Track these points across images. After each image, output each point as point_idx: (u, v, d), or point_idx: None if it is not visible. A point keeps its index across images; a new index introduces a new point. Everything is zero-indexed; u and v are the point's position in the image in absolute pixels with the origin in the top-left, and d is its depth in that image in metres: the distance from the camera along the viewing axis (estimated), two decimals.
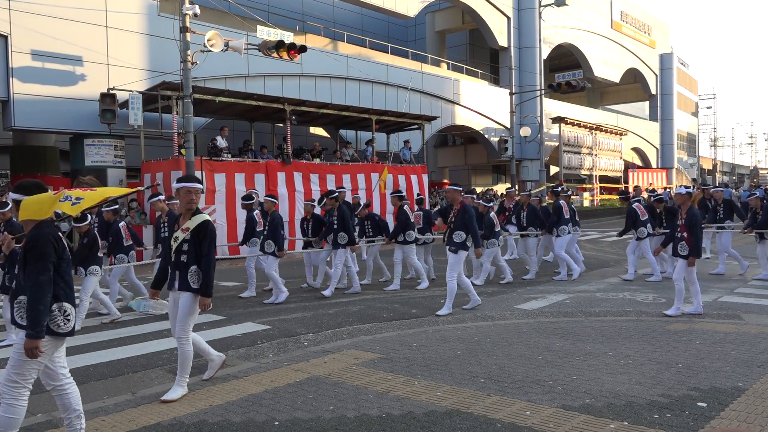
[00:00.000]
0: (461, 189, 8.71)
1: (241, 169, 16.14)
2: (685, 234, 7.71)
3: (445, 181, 35.63)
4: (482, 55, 36.37)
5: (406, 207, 10.72)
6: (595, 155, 35.41)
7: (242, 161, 16.60)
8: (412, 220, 10.62)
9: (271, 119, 19.43)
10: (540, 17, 31.48)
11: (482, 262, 10.87)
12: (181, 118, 14.88)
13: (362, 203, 12.65)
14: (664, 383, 4.86)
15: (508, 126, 29.27)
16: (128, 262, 9.05)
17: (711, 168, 68.00)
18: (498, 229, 10.87)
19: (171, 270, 4.97)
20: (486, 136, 30.77)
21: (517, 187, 29.62)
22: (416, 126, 21.96)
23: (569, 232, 11.20)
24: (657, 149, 46.05)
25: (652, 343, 6.17)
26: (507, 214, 13.36)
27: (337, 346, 6.34)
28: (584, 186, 36.33)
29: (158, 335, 7.37)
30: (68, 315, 3.69)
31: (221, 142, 16.82)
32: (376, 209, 19.45)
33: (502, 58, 32.65)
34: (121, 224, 9.23)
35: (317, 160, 18.95)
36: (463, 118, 29.18)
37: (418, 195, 16.59)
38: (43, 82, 15.73)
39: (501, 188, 35.92)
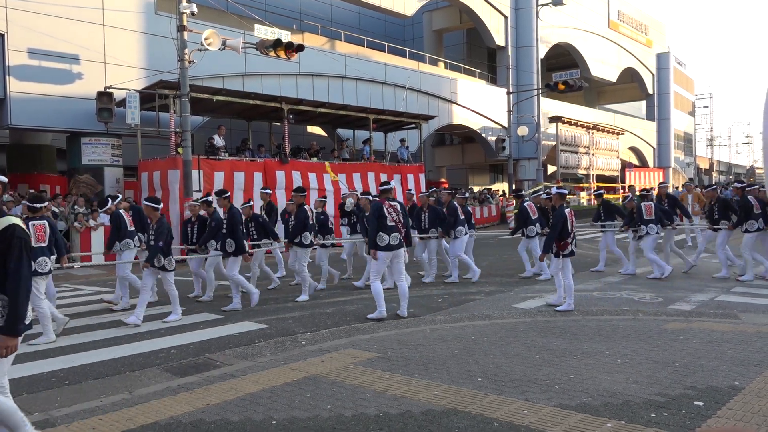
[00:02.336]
0: (369, 195, 8.55)
1: (238, 167, 16.13)
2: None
3: (443, 180, 35.65)
4: (479, 55, 36.38)
5: (306, 207, 9.87)
6: (592, 154, 35.46)
7: (240, 160, 16.58)
8: (311, 222, 9.81)
9: (268, 118, 19.42)
10: (537, 16, 31.53)
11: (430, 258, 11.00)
12: (178, 116, 14.86)
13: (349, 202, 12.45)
14: (660, 382, 4.87)
15: (506, 125, 29.30)
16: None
17: (708, 167, 68.15)
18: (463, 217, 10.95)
19: None
20: (483, 135, 30.79)
21: (514, 186, 29.69)
22: (413, 125, 21.96)
23: (466, 233, 11.03)
24: (654, 149, 46.13)
25: (649, 342, 6.18)
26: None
27: (335, 345, 6.34)
28: (581, 185, 36.38)
29: (155, 334, 7.37)
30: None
31: (218, 140, 16.81)
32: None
33: (500, 58, 32.67)
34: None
35: (315, 159, 18.94)
36: (460, 117, 29.18)
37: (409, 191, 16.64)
38: (40, 81, 15.70)
39: (498, 187, 35.98)
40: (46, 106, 15.82)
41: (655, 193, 13.00)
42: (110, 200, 9.46)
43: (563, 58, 38.71)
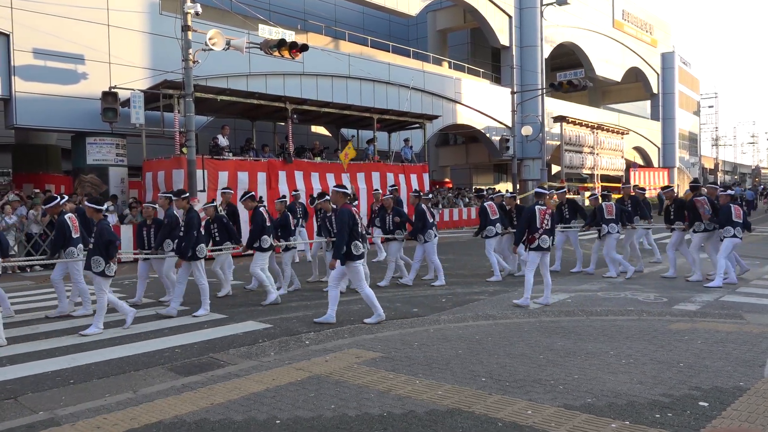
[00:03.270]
0: (346, 192, 7.94)
1: (242, 167, 16.15)
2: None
3: (447, 180, 35.63)
4: (484, 54, 36.34)
5: (262, 209, 9.51)
6: (597, 154, 35.38)
7: (244, 160, 16.60)
8: (269, 224, 9.45)
9: (272, 118, 19.43)
10: (542, 16, 31.44)
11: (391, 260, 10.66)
12: (182, 116, 14.89)
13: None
14: (665, 383, 4.86)
15: (510, 125, 29.25)
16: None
17: (713, 167, 67.93)
18: (431, 220, 10.56)
19: None
20: (487, 135, 30.75)
21: (518, 186, 29.65)
22: (417, 125, 21.95)
23: (436, 236, 10.75)
24: (658, 148, 46.01)
25: (653, 342, 6.16)
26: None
27: (339, 345, 6.34)
28: (586, 185, 36.30)
29: (159, 334, 7.38)
30: None
31: (222, 140, 16.82)
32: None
33: (504, 57, 32.63)
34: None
35: (318, 159, 18.94)
36: (464, 117, 29.15)
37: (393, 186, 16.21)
38: (45, 81, 15.74)
39: (502, 187, 35.93)
40: (51, 106, 15.87)
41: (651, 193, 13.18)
42: (57, 199, 8.72)
43: (568, 57, 38.63)
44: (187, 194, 8.87)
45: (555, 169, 36.95)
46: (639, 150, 44.17)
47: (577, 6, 34.70)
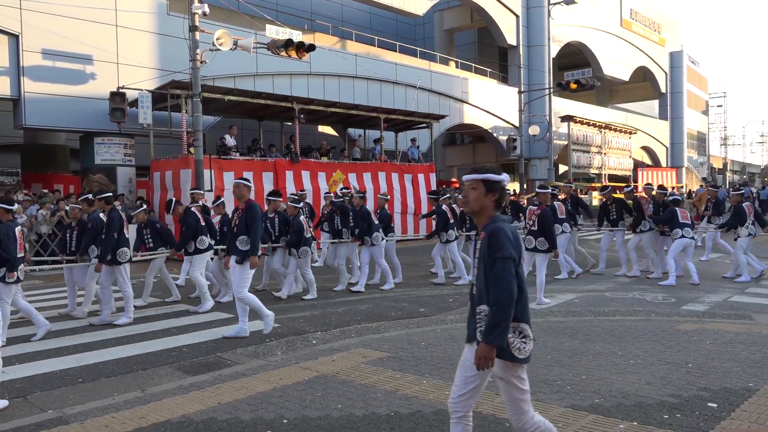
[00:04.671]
0: (248, 184, 7.25)
1: (249, 167, 16.18)
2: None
3: (453, 180, 35.59)
4: (491, 54, 36.26)
5: (194, 208, 9.12)
6: (605, 154, 35.24)
7: (251, 160, 16.64)
8: (203, 224, 9.03)
9: (279, 118, 19.46)
10: (549, 15, 31.35)
11: (287, 273, 9.66)
12: (190, 116, 14.94)
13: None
14: (673, 383, 4.83)
15: (517, 125, 29.19)
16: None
17: (721, 167, 67.53)
18: (309, 235, 9.53)
19: None
20: (494, 134, 30.69)
21: (525, 186, 29.58)
22: (424, 125, 21.93)
23: (383, 239, 10.39)
24: (667, 148, 45.77)
25: (661, 342, 6.13)
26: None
27: (346, 345, 6.34)
28: (593, 185, 36.16)
29: (167, 333, 7.41)
30: None
31: (230, 140, 16.87)
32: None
33: (511, 57, 32.54)
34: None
35: (325, 159, 18.96)
36: (471, 116, 29.11)
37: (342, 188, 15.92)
38: (54, 81, 15.83)
39: (510, 187, 35.83)
40: (60, 106, 15.96)
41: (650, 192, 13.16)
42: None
43: (575, 57, 38.49)
44: (108, 194, 8.21)
45: (562, 168, 36.83)
46: (647, 150, 43.97)
47: (584, 5, 34.57)
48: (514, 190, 31.14)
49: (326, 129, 24.52)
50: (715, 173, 62.52)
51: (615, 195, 12.22)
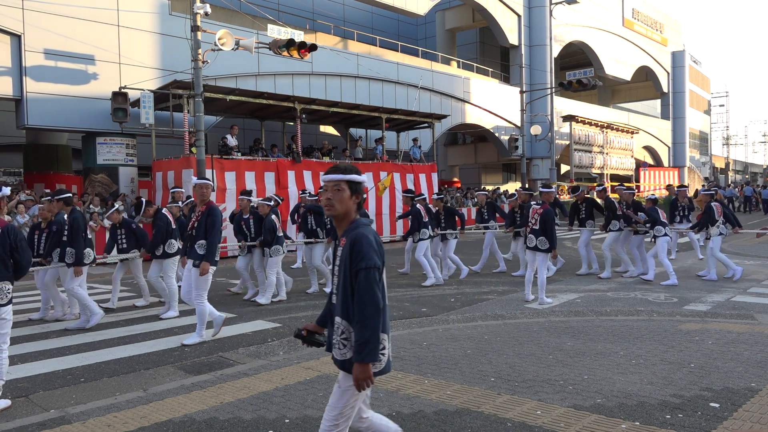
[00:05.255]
0: (210, 184, 7.00)
1: (251, 167, 16.19)
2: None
3: (455, 180, 35.58)
4: (493, 53, 36.27)
5: (164, 211, 8.95)
6: (606, 154, 35.23)
7: (253, 160, 16.65)
8: (173, 227, 8.76)
9: (281, 118, 19.47)
10: (551, 15, 31.35)
11: (267, 275, 9.26)
12: (192, 116, 14.95)
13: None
14: (676, 383, 4.83)
15: (519, 124, 29.16)
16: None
17: (723, 166, 67.43)
18: (281, 234, 9.32)
19: None
20: (496, 134, 30.68)
21: (528, 185, 29.56)
22: (426, 124, 21.93)
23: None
24: (669, 148, 45.73)
25: (663, 342, 6.13)
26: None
27: None
28: (595, 185, 36.14)
29: (169, 333, 7.42)
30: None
31: (231, 140, 16.88)
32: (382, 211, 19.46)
33: (513, 56, 32.54)
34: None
35: (327, 159, 18.96)
36: (473, 116, 29.10)
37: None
38: (56, 81, 15.85)
39: (511, 187, 35.84)
40: (62, 106, 15.98)
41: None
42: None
43: (577, 56, 38.49)
44: (67, 194, 7.74)
45: (564, 168, 36.81)
46: (649, 149, 43.93)
47: (586, 5, 34.56)
48: (517, 190, 31.19)
49: (328, 129, 24.52)
50: (717, 173, 62.41)
51: (612, 195, 12.32)
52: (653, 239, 10.68)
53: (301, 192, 13.06)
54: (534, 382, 4.93)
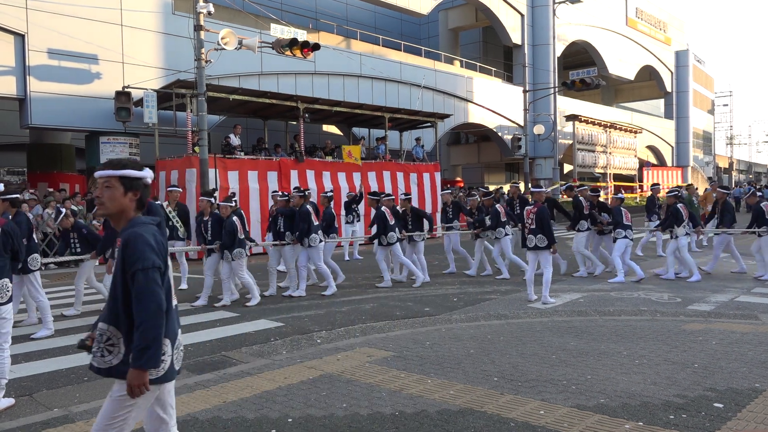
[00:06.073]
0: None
1: (254, 166, 16.20)
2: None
3: (458, 179, 35.56)
4: (496, 53, 36.23)
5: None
6: (610, 153, 35.17)
7: (255, 159, 16.66)
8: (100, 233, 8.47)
9: (284, 117, 19.48)
10: (554, 14, 31.31)
11: (239, 278, 9.03)
12: (195, 116, 14.96)
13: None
14: (679, 383, 4.81)
15: (522, 124, 29.14)
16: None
17: (727, 166, 67.27)
18: (242, 236, 9.05)
19: None
20: (499, 134, 30.66)
21: (530, 184, 29.52)
22: (429, 124, 21.92)
23: (321, 241, 9.81)
24: (672, 147, 45.64)
25: (667, 342, 6.11)
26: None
27: (350, 344, 6.34)
28: (598, 184, 36.08)
29: None
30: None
31: (234, 140, 16.89)
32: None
33: (516, 56, 32.50)
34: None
35: (330, 158, 18.97)
36: (476, 115, 29.08)
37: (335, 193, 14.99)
38: (60, 81, 15.89)
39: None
40: (66, 105, 16.02)
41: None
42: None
43: (580, 56, 38.43)
44: (14, 195, 7.18)
45: (567, 168, 36.77)
46: (652, 149, 43.85)
47: (590, 4, 34.48)
48: (480, 189, 31.15)
49: (331, 128, 24.53)
50: (720, 173, 62.26)
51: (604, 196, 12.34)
52: (674, 237, 10.68)
53: (273, 191, 12.26)
54: (537, 382, 4.93)
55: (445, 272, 12.13)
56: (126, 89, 15.74)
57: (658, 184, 14.39)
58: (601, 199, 12.47)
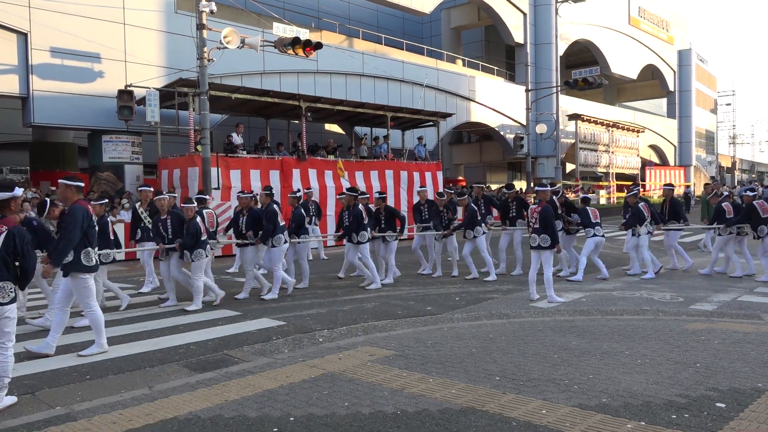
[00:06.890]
0: (74, 184, 6.18)
1: (256, 165, 16.21)
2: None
3: (460, 178, 35.55)
4: (498, 52, 36.20)
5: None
6: (612, 152, 35.14)
7: (258, 158, 16.67)
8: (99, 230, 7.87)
9: (286, 116, 19.48)
10: (556, 13, 31.27)
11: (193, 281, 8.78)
12: (197, 114, 14.97)
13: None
14: (681, 383, 4.81)
15: (524, 123, 29.12)
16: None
17: (730, 166, 67.16)
18: (204, 237, 8.81)
19: None
20: (501, 133, 30.64)
21: (532, 184, 29.51)
22: (431, 123, 21.91)
23: (285, 242, 9.63)
24: (675, 146, 45.58)
25: (669, 342, 6.10)
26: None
27: (352, 343, 6.34)
28: (601, 183, 36.05)
29: (174, 330, 7.43)
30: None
31: (237, 138, 16.90)
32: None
33: (518, 55, 32.48)
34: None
35: (332, 157, 18.96)
36: (478, 115, 29.06)
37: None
38: (62, 79, 15.91)
39: (517, 185, 35.77)
40: (68, 104, 16.04)
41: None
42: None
43: (583, 55, 38.38)
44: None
45: (569, 167, 36.73)
46: (655, 148, 43.80)
47: (592, 3, 34.44)
48: (521, 188, 31.17)
49: (333, 127, 24.55)
50: (723, 172, 62.16)
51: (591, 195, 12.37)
52: (637, 235, 11.08)
53: (239, 192, 10.84)
54: (539, 381, 4.92)
55: (432, 275, 11.81)
56: (128, 88, 15.76)
57: (671, 185, 14.23)
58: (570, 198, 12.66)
